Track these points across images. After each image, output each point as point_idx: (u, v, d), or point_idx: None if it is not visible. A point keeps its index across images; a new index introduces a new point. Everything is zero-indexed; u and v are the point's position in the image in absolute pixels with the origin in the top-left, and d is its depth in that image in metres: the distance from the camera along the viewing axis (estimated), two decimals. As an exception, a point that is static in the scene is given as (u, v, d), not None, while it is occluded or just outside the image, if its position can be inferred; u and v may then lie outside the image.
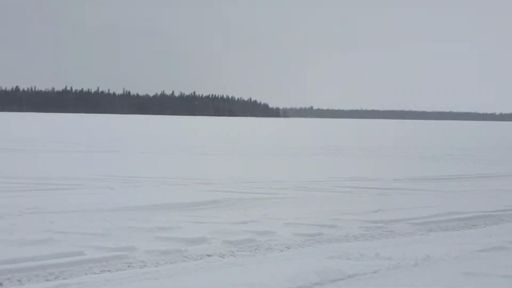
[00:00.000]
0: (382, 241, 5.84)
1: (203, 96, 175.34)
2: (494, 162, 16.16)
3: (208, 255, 5.09)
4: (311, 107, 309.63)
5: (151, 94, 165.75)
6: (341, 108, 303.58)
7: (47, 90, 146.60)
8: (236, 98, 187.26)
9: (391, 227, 6.46)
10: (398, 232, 6.26)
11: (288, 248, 5.46)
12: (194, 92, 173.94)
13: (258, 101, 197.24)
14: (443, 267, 4.72)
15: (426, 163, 15.49)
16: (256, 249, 5.39)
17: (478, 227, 6.70)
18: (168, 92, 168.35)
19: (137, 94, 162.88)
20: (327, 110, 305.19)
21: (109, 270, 4.51)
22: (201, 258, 4.98)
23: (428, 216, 7.05)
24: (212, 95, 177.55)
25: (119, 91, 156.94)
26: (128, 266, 4.70)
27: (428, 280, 4.31)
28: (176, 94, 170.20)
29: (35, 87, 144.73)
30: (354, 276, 4.41)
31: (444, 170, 13.10)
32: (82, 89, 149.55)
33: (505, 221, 7.00)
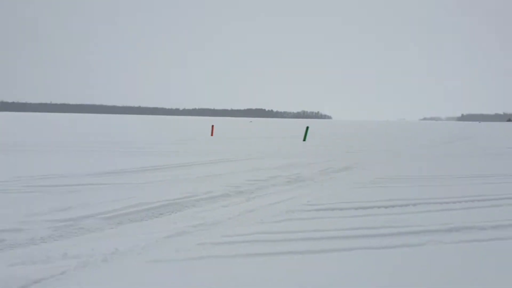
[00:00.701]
0: (72, 239, 5.71)
1: None
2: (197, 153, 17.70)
3: None
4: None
5: None
6: (28, 102, 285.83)
7: None
8: None
9: (81, 224, 6.36)
10: (88, 229, 6.21)
11: (-40, 261, 4.77)
12: None
13: None
14: (130, 258, 4.94)
15: (115, 156, 15.77)
16: None
17: (164, 215, 7.16)
18: None
19: None
20: (11, 103, 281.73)
21: None
22: None
23: (118, 209, 7.19)
24: None
25: None
26: None
27: (115, 273, 4.43)
28: None
29: None
30: (39, 281, 4.20)
31: (135, 163, 13.58)
32: None
33: (187, 208, 7.70)
